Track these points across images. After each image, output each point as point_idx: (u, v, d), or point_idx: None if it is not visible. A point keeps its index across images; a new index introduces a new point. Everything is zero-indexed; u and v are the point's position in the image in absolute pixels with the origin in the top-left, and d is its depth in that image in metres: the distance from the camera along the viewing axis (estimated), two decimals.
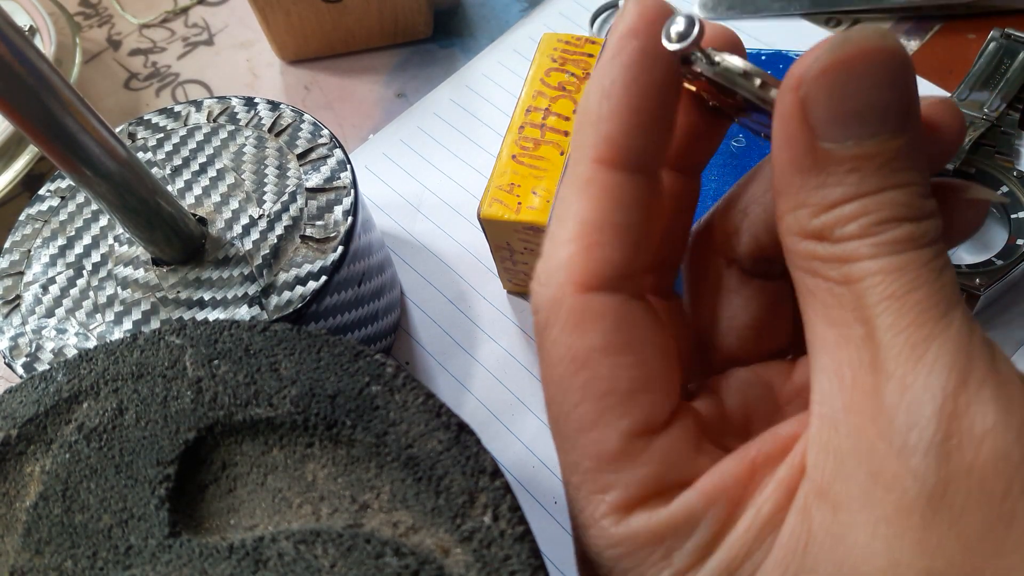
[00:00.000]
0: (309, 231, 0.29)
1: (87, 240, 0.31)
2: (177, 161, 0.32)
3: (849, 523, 0.15)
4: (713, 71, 0.16)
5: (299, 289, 0.28)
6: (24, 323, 0.29)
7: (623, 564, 0.17)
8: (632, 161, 0.17)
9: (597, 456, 0.17)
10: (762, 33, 0.43)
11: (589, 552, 0.18)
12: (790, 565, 0.15)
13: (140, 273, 0.29)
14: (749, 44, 0.41)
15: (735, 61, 0.16)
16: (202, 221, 0.30)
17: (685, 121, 0.19)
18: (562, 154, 0.31)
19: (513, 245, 0.32)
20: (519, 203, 0.30)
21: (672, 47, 0.16)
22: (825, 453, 0.15)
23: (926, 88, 0.39)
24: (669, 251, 0.21)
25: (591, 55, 0.34)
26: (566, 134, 0.32)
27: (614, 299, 0.17)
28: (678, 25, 0.16)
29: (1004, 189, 0.33)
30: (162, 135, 0.33)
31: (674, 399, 0.17)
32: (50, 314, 0.29)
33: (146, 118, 0.34)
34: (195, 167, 0.32)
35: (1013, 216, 0.33)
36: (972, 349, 0.14)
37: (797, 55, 0.28)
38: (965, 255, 0.34)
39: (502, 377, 0.34)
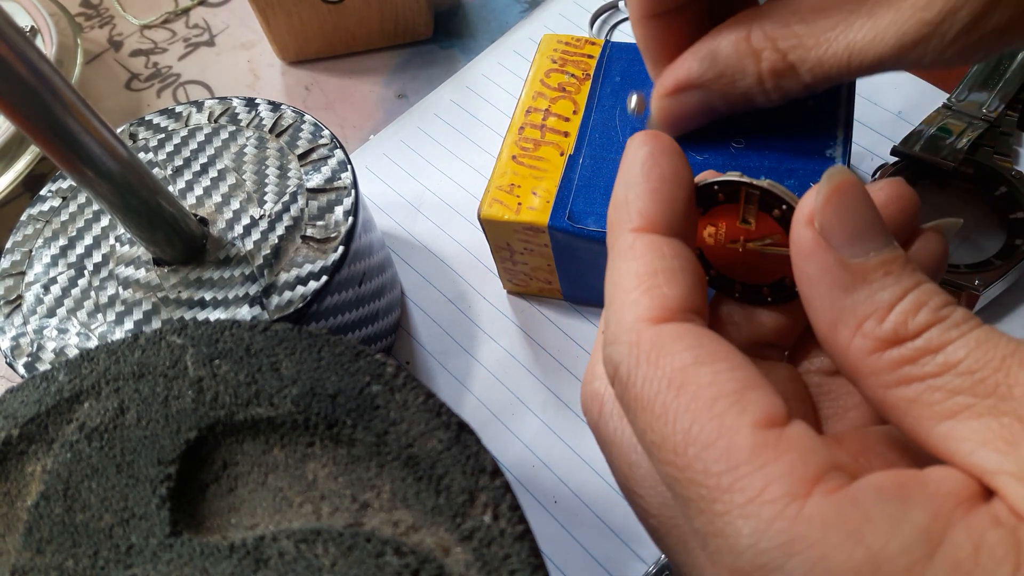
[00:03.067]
0: (310, 231, 0.30)
1: (88, 240, 0.31)
2: (178, 162, 0.32)
3: None
4: (761, 184, 0.19)
5: (300, 289, 0.28)
6: (26, 323, 0.29)
7: None
8: (664, 229, 0.19)
9: (733, 461, 0.15)
10: None
11: None
12: None
13: (141, 273, 0.29)
14: None
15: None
16: (203, 221, 0.30)
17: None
18: (562, 154, 0.31)
19: (513, 245, 0.32)
20: (519, 203, 0.30)
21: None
22: None
23: (926, 89, 0.39)
24: None
25: (591, 56, 0.34)
26: (566, 135, 0.32)
27: (687, 324, 0.18)
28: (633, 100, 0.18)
29: (1002, 189, 0.33)
30: (163, 136, 0.33)
31: (781, 400, 0.17)
32: (51, 314, 0.29)
33: (147, 119, 0.34)
34: (196, 167, 0.32)
35: (1011, 216, 0.33)
36: None
37: None
38: (964, 255, 0.34)
39: (502, 377, 0.34)
